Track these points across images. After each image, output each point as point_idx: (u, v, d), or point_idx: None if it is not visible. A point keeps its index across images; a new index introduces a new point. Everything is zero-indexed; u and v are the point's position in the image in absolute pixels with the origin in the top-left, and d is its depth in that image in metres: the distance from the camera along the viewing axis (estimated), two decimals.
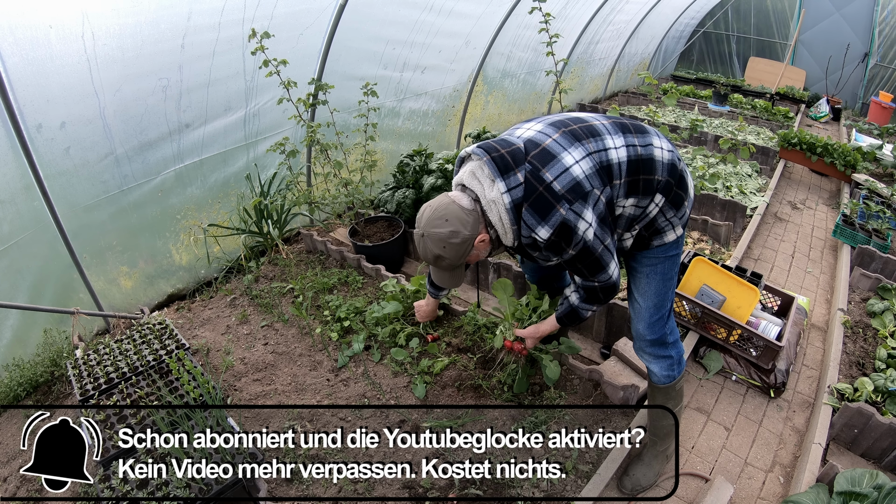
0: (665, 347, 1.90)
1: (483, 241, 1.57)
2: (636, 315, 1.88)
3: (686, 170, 1.68)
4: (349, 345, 2.71)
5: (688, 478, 2.16)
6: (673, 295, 1.86)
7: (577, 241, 1.49)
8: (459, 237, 1.51)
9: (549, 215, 1.46)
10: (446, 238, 1.51)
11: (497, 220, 1.53)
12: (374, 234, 3.55)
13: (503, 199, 1.47)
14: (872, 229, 3.89)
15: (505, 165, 1.47)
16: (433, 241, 1.53)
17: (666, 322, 1.86)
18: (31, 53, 2.23)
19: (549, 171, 1.46)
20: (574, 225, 1.46)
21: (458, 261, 1.57)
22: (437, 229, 1.52)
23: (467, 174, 1.55)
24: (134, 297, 3.17)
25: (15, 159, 2.35)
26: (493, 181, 1.48)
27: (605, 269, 1.61)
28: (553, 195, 1.45)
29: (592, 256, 1.56)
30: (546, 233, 1.47)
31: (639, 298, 1.84)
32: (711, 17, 9.91)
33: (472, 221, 1.53)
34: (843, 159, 5.10)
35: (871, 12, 8.37)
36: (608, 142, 1.55)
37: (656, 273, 1.78)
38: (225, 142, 3.28)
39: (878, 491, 1.75)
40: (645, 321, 1.85)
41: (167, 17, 2.61)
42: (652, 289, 1.80)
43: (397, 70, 4.12)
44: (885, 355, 2.67)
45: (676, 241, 1.76)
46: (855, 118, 8.32)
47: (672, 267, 1.79)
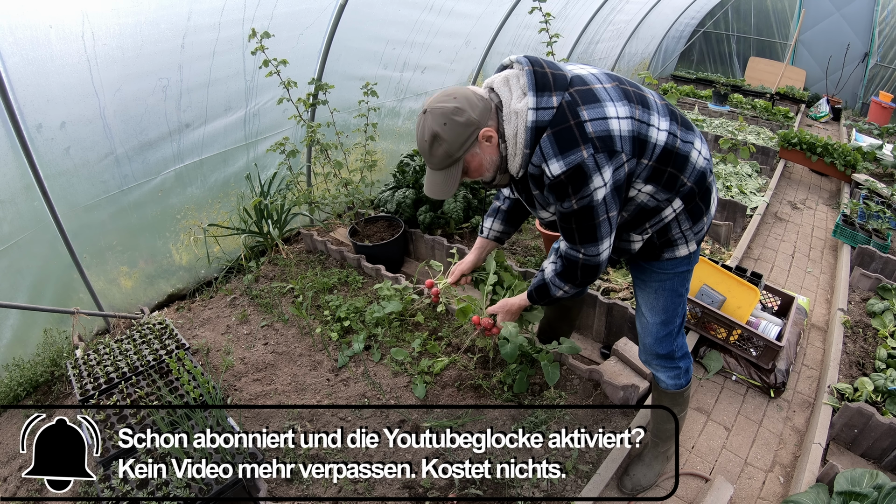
0: (673, 360, 1.84)
1: (490, 139, 1.40)
2: (644, 329, 1.82)
3: (714, 185, 1.57)
4: (349, 345, 2.71)
5: (688, 478, 2.16)
6: (684, 311, 1.78)
7: (584, 193, 1.35)
8: (464, 116, 1.35)
9: (570, 152, 1.32)
10: (450, 113, 1.35)
11: (512, 136, 1.38)
12: (374, 233, 3.55)
13: (528, 114, 1.34)
14: (872, 229, 3.89)
15: (544, 84, 1.34)
16: (434, 117, 1.36)
17: (675, 338, 1.79)
18: (31, 53, 2.23)
19: (587, 111, 1.33)
20: (589, 174, 1.33)
21: (456, 149, 1.38)
22: (442, 104, 1.37)
23: (500, 78, 1.42)
24: (134, 296, 3.17)
25: (15, 159, 2.35)
26: (525, 94, 1.35)
27: (597, 242, 1.47)
28: (582, 133, 1.31)
29: (591, 221, 1.42)
30: (558, 169, 1.33)
31: (647, 313, 1.77)
32: (711, 17, 9.92)
33: (483, 109, 1.38)
34: (843, 159, 5.09)
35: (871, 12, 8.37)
36: (654, 119, 1.43)
37: (665, 289, 1.71)
38: (225, 142, 3.28)
39: (879, 491, 1.75)
40: (653, 336, 1.79)
41: (167, 17, 2.61)
42: (661, 304, 1.73)
43: (397, 70, 4.12)
44: (885, 355, 2.66)
45: (689, 257, 1.66)
46: (855, 118, 8.32)
47: (683, 283, 1.71)
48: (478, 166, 1.45)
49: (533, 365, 2.41)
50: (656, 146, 1.43)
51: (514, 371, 2.37)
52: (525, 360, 2.42)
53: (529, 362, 2.41)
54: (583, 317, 2.77)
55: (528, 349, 2.39)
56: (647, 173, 1.45)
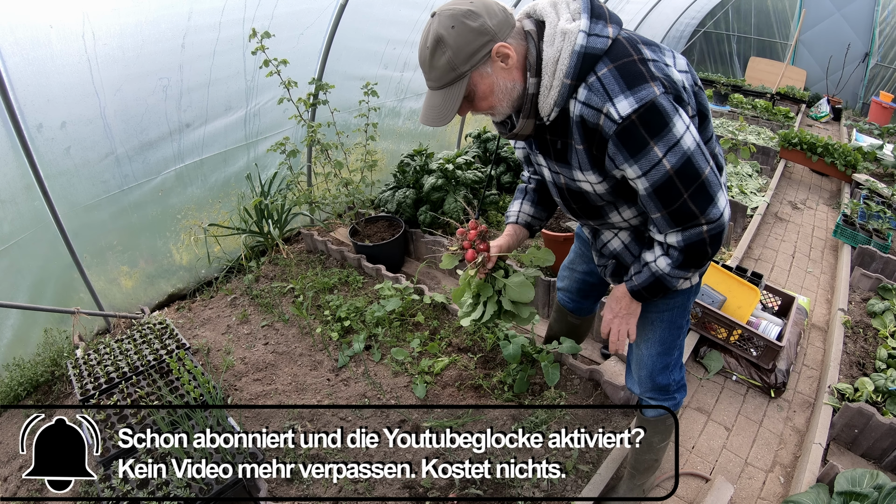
0: (668, 393, 1.68)
1: (507, 61, 1.14)
2: (636, 362, 1.66)
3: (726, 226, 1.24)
4: (349, 344, 2.71)
5: (688, 478, 2.16)
6: (682, 343, 1.62)
7: (672, 140, 1.09)
8: (478, 21, 1.10)
9: (640, 87, 1.07)
10: (461, 16, 1.10)
11: (552, 60, 1.12)
12: (374, 233, 3.55)
13: (578, 36, 1.09)
14: (873, 229, 3.89)
15: (600, 13, 1.13)
16: (442, 19, 1.11)
17: (672, 370, 1.63)
18: (31, 53, 2.23)
19: (650, 51, 1.14)
20: (669, 114, 1.08)
21: (462, 61, 1.12)
22: (454, 5, 1.13)
23: (547, 1, 1.18)
24: (134, 296, 3.17)
25: (15, 159, 2.35)
26: (578, 16, 1.12)
27: (713, 200, 1.16)
28: (648, 70, 1.10)
29: (699, 175, 1.13)
30: (628, 107, 1.07)
31: (641, 345, 1.61)
32: (712, 17, 9.91)
33: (502, 21, 1.13)
34: (844, 159, 5.09)
35: (871, 12, 8.36)
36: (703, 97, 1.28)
37: (663, 321, 1.54)
38: (225, 141, 3.28)
39: (879, 491, 1.75)
40: (647, 369, 1.63)
41: (168, 17, 2.61)
42: (657, 336, 1.57)
43: (398, 70, 4.11)
44: (886, 355, 2.66)
45: (689, 290, 1.49)
46: (855, 118, 8.31)
47: (682, 315, 1.55)
48: (486, 91, 1.17)
49: (533, 365, 2.41)
50: (708, 129, 1.27)
51: (514, 371, 2.37)
52: (525, 360, 2.42)
53: (530, 362, 2.41)
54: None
55: (528, 349, 2.39)
56: None
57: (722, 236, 1.21)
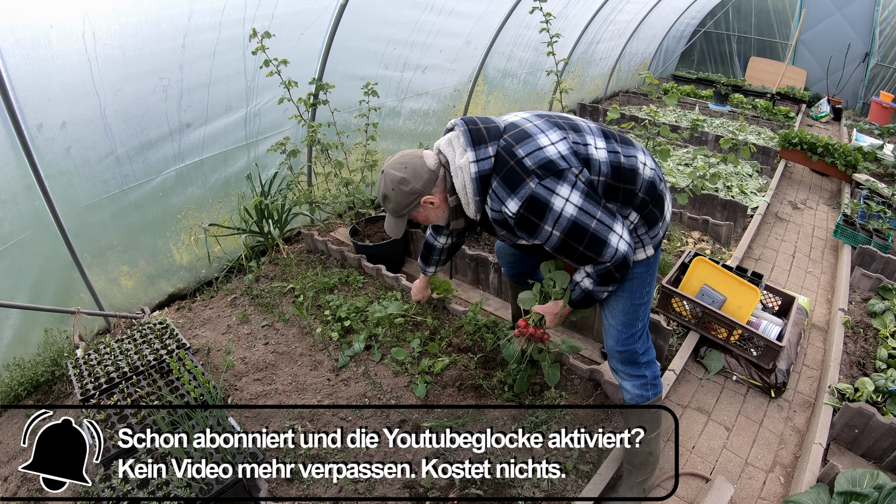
0: (637, 367, 1.83)
1: (433, 203, 1.64)
2: (606, 332, 1.85)
3: (667, 192, 1.68)
4: (350, 344, 2.71)
5: (688, 478, 2.16)
6: (645, 314, 1.81)
7: (554, 216, 1.47)
8: (408, 186, 1.59)
9: (519, 188, 1.46)
10: (397, 182, 1.60)
11: (461, 188, 1.57)
12: (374, 233, 3.55)
13: (470, 168, 1.51)
14: (873, 229, 3.89)
15: (479, 138, 1.52)
16: (387, 180, 1.62)
17: (637, 340, 1.81)
18: (31, 53, 2.23)
19: (522, 148, 1.49)
20: (546, 200, 1.45)
21: (400, 209, 1.65)
22: (394, 171, 1.61)
23: (445, 141, 1.63)
24: (134, 296, 3.17)
25: (16, 159, 2.35)
26: (465, 150, 1.53)
27: (605, 244, 1.53)
28: (523, 169, 1.46)
29: (586, 233, 1.50)
30: (515, 206, 1.47)
31: (607, 315, 1.82)
32: (712, 17, 9.91)
33: (427, 180, 1.60)
34: (844, 159, 5.09)
35: (871, 12, 8.37)
36: (589, 139, 1.56)
37: (623, 290, 1.74)
38: (225, 141, 3.28)
39: (879, 491, 1.75)
40: (613, 338, 1.82)
41: (168, 17, 2.61)
42: (619, 307, 1.77)
43: (398, 70, 4.11)
44: (886, 355, 2.66)
45: (647, 261, 1.72)
46: (856, 118, 8.31)
47: (641, 286, 1.75)
48: (424, 219, 1.72)
49: (533, 365, 2.41)
50: (601, 163, 1.54)
51: (514, 371, 2.37)
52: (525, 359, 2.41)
53: (530, 362, 2.41)
54: (583, 317, 2.77)
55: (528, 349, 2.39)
56: (603, 189, 1.55)
57: (625, 264, 1.59)
